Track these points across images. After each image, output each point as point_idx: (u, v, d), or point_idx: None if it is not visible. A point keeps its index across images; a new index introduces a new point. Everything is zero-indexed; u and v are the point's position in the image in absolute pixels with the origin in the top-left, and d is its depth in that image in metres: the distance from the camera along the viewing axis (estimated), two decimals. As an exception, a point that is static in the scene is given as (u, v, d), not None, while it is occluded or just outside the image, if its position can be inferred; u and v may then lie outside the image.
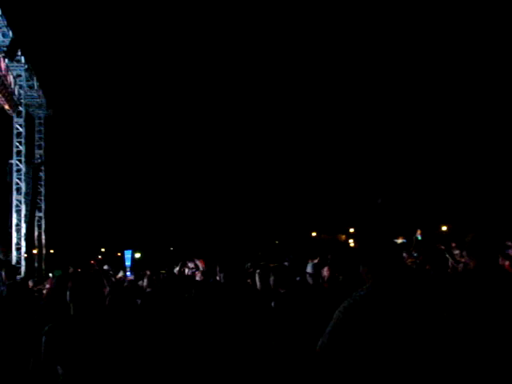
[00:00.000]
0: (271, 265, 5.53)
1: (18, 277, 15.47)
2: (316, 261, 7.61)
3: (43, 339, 3.30)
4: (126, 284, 8.09)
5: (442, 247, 8.07)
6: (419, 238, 11.05)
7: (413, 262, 7.60)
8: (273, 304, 4.49)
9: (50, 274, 15.22)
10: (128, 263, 18.09)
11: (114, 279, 10.06)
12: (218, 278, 5.62)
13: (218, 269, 5.19)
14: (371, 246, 3.04)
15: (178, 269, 10.33)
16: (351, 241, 41.82)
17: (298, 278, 5.68)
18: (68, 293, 3.48)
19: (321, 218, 50.38)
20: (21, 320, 5.11)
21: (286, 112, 59.97)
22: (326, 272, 6.33)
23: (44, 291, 9.08)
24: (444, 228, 39.40)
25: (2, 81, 18.66)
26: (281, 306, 4.45)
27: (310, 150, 54.21)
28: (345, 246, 37.84)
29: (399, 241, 11.68)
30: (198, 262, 9.97)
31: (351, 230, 47.13)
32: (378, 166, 47.89)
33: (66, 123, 32.99)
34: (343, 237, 50.02)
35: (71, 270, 16.93)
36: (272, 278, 4.78)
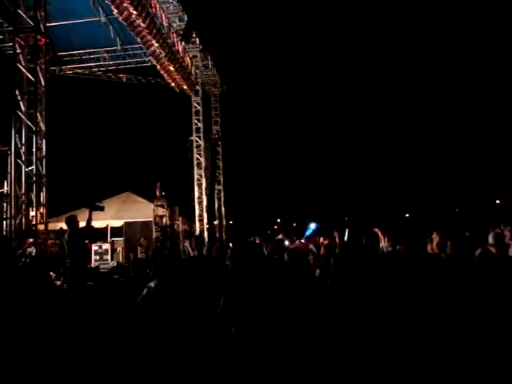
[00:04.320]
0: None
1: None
2: (498, 230, 7.08)
3: (221, 301, 3.45)
4: None
5: None
6: None
7: None
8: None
9: (230, 244, 16.00)
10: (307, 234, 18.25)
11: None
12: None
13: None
14: None
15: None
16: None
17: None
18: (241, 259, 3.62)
19: (507, 184, 46.70)
20: (202, 286, 5.41)
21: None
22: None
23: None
24: None
25: (181, 63, 19.84)
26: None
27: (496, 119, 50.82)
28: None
29: None
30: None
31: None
32: None
33: (240, 99, 34.25)
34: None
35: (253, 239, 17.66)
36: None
